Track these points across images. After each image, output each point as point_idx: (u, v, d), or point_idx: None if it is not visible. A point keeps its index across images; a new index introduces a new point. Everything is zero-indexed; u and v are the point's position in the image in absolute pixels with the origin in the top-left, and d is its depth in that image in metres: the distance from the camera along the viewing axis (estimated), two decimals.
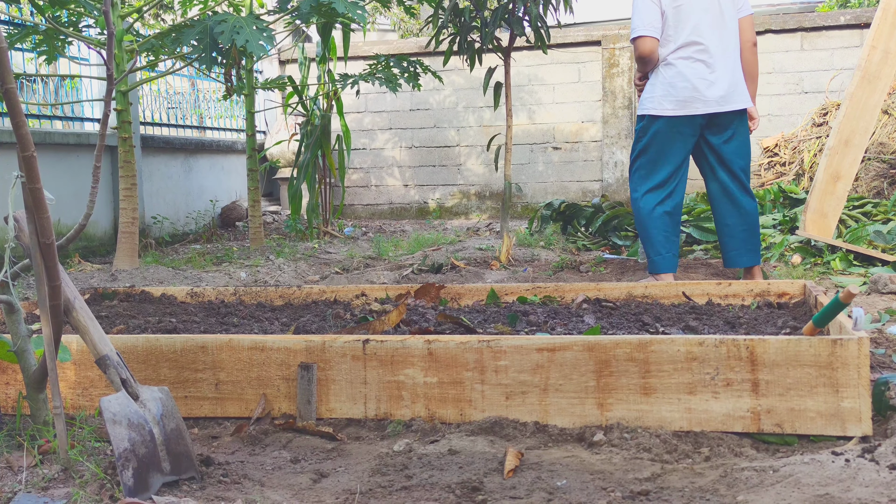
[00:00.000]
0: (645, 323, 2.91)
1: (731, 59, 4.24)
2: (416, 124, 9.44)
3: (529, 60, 8.98)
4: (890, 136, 7.26)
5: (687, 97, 4.17)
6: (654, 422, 2.21)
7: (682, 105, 4.18)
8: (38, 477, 1.96)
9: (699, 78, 4.17)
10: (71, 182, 6.35)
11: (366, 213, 9.63)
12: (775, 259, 5.11)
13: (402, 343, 2.37)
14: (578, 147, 9.03)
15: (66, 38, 5.38)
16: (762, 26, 8.42)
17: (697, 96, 4.16)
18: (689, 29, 4.19)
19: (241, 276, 5.17)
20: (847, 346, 2.13)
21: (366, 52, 9.10)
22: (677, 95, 4.19)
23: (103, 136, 2.09)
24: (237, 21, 4.75)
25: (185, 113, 8.73)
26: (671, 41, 4.23)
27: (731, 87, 4.20)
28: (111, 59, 2.06)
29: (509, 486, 1.89)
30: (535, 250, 5.89)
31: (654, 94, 4.27)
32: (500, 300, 3.48)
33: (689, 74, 4.18)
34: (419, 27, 13.67)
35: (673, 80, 4.20)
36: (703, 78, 4.17)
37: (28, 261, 2.10)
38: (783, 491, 1.77)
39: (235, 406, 2.45)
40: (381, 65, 6.71)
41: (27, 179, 1.87)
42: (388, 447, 2.19)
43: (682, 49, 4.20)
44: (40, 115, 6.67)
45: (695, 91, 4.16)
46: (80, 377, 2.52)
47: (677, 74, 4.20)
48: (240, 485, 1.94)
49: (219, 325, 3.11)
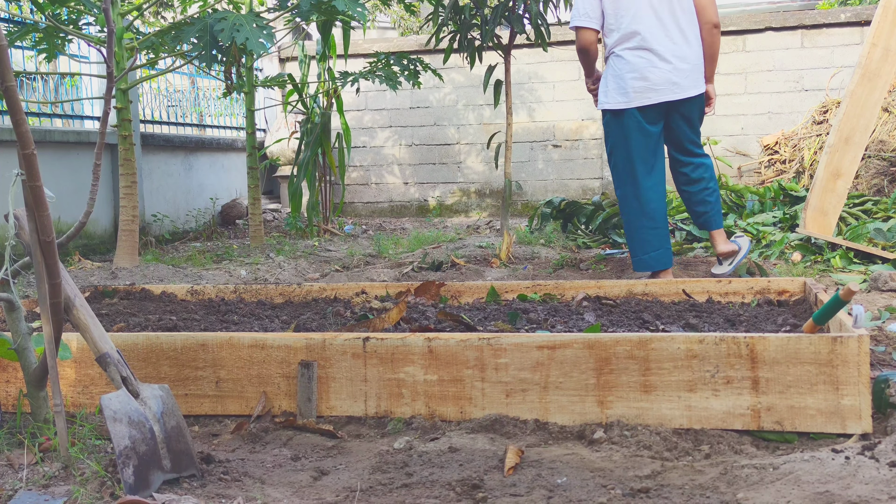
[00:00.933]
0: (645, 321, 2.91)
1: (682, 43, 4.12)
2: (416, 122, 9.44)
3: (529, 58, 8.98)
4: (890, 133, 7.26)
5: (638, 87, 4.09)
6: (655, 419, 2.21)
7: (636, 96, 4.10)
8: (38, 475, 1.96)
9: (648, 67, 4.07)
10: (71, 180, 6.34)
11: (366, 211, 9.63)
12: (775, 256, 5.11)
13: (402, 341, 2.37)
14: (579, 145, 9.03)
15: (66, 35, 5.38)
16: (762, 24, 8.42)
17: (649, 86, 4.08)
18: (629, 17, 4.09)
19: (241, 274, 5.17)
20: (847, 344, 2.13)
21: (366, 50, 9.09)
22: (628, 87, 4.11)
23: (103, 133, 2.09)
24: (237, 19, 4.75)
25: (185, 111, 8.73)
26: (614, 31, 4.14)
27: (684, 74, 4.10)
28: (111, 56, 2.06)
29: (509, 483, 1.89)
30: (535, 248, 5.89)
31: (606, 87, 4.20)
32: (501, 298, 3.48)
33: (637, 64, 4.08)
34: (419, 25, 13.67)
35: (621, 71, 4.12)
36: (652, 66, 4.07)
37: (28, 258, 2.11)
38: (783, 488, 1.77)
39: (236, 404, 2.45)
40: (382, 63, 6.71)
41: (27, 177, 1.87)
42: (389, 445, 2.19)
43: (626, 39, 4.12)
44: (40, 114, 6.66)
45: (644, 80, 4.08)
46: (80, 375, 2.52)
47: (625, 65, 4.11)
48: (240, 482, 1.94)
49: (219, 323, 3.11)
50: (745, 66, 8.44)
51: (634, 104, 4.11)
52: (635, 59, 4.10)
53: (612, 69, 4.19)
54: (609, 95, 4.18)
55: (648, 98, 4.09)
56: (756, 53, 8.48)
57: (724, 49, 8.47)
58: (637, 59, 4.10)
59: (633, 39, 4.11)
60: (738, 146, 8.51)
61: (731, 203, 6.52)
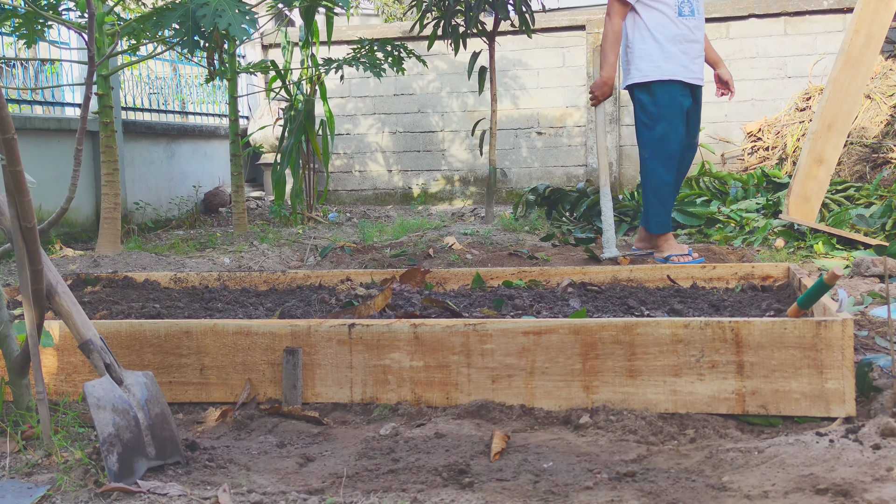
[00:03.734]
0: (630, 306, 2.92)
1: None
2: (400, 109, 9.41)
3: (514, 45, 8.96)
4: (872, 120, 7.30)
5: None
6: (640, 404, 2.22)
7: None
8: (21, 462, 1.95)
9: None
10: (52, 167, 6.29)
11: (350, 199, 9.60)
12: (759, 243, 5.13)
13: (387, 327, 2.36)
14: (563, 132, 9.03)
15: (45, 21, 5.31)
16: (745, 11, 8.43)
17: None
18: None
19: (224, 262, 5.15)
20: (831, 328, 2.14)
21: (349, 37, 9.04)
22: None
23: (85, 118, 2.07)
24: (219, 4, 4.70)
25: (167, 98, 8.66)
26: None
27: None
28: (92, 41, 2.03)
29: (496, 468, 1.89)
30: (520, 235, 5.89)
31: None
32: (486, 284, 3.48)
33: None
34: (403, 11, 13.60)
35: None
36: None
37: (9, 245, 2.08)
38: (768, 471, 1.78)
39: (220, 391, 2.44)
40: (365, 49, 6.68)
41: (7, 162, 1.84)
42: (375, 431, 2.19)
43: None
44: (20, 100, 6.59)
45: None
46: (63, 363, 2.50)
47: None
48: (225, 469, 1.93)
49: (203, 311, 3.09)
50: (728, 53, 8.45)
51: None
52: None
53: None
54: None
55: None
56: (739, 40, 8.50)
57: (708, 36, 8.47)
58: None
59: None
60: (722, 133, 8.53)
61: (714, 190, 6.54)
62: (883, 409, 2.09)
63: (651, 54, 4.42)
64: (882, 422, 1.89)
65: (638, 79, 4.46)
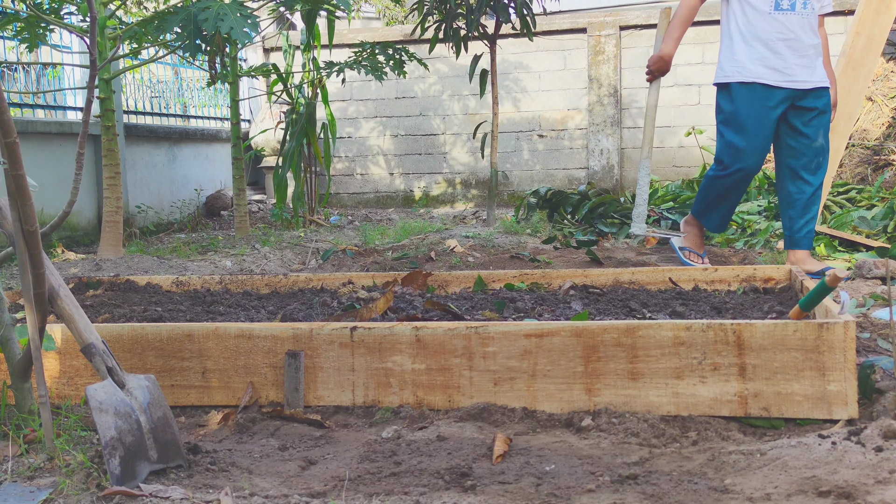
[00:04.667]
0: (632, 309, 2.91)
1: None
2: (402, 112, 9.41)
3: (515, 48, 8.96)
4: (874, 122, 7.30)
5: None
6: (642, 406, 2.21)
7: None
8: (23, 466, 1.95)
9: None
10: (54, 171, 6.29)
11: (351, 202, 9.60)
12: (760, 245, 5.13)
13: (389, 330, 2.36)
14: (564, 135, 9.02)
15: (47, 25, 5.32)
16: None
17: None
18: None
19: (226, 265, 5.15)
20: (833, 330, 2.14)
21: (351, 40, 9.05)
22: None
23: (86, 122, 2.07)
24: (221, 7, 4.71)
25: (168, 101, 8.66)
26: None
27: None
28: (94, 44, 2.04)
29: (498, 471, 1.89)
30: (521, 238, 5.89)
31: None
32: (488, 287, 3.48)
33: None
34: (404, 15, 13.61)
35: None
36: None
37: (11, 249, 2.08)
38: (770, 474, 1.78)
39: (222, 394, 2.44)
40: (367, 52, 6.68)
41: (10, 166, 1.85)
42: (377, 434, 2.18)
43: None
44: (22, 104, 6.59)
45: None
46: (65, 366, 2.50)
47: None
48: (227, 472, 1.93)
49: (205, 314, 3.09)
50: None
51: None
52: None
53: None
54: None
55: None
56: None
57: (709, 38, 8.49)
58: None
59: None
60: None
61: None
62: (885, 412, 2.09)
63: (735, 53, 4.00)
64: (884, 424, 1.88)
65: (719, 78, 4.09)
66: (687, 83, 8.55)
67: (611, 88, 8.73)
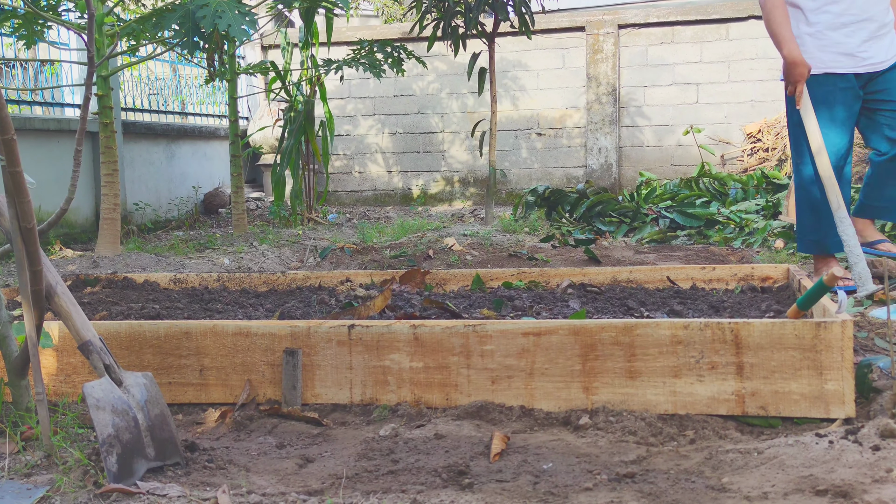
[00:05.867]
0: (630, 307, 2.91)
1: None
2: (400, 110, 9.41)
3: (513, 46, 8.96)
4: None
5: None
6: (640, 405, 2.21)
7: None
8: (20, 463, 1.94)
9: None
10: (52, 168, 6.28)
11: (350, 200, 9.60)
12: (758, 244, 5.13)
13: (387, 328, 2.36)
14: (562, 133, 9.03)
15: (45, 22, 5.31)
16: (746, 12, 8.42)
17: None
18: None
19: (224, 263, 5.14)
20: (831, 329, 2.14)
21: (349, 38, 9.04)
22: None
23: (84, 118, 2.07)
24: (219, 5, 4.70)
25: (166, 99, 8.66)
26: None
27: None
28: (92, 41, 2.03)
29: (495, 469, 1.89)
30: (519, 236, 5.89)
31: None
32: (486, 285, 3.48)
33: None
34: (403, 13, 13.61)
35: None
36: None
37: (8, 246, 2.08)
38: (768, 472, 1.78)
39: (220, 392, 2.44)
40: (365, 50, 6.67)
41: (7, 163, 1.84)
42: (375, 432, 2.18)
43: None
44: (20, 101, 6.59)
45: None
46: (62, 363, 2.50)
47: None
48: (225, 470, 1.93)
49: (202, 312, 3.09)
50: (728, 55, 8.46)
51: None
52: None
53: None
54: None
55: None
56: (739, 42, 8.50)
57: (708, 37, 8.49)
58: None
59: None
60: (721, 134, 8.53)
61: (714, 191, 6.55)
62: (882, 411, 2.09)
63: (804, 42, 3.55)
64: (881, 423, 1.89)
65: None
66: (685, 82, 8.55)
67: (609, 87, 8.74)
